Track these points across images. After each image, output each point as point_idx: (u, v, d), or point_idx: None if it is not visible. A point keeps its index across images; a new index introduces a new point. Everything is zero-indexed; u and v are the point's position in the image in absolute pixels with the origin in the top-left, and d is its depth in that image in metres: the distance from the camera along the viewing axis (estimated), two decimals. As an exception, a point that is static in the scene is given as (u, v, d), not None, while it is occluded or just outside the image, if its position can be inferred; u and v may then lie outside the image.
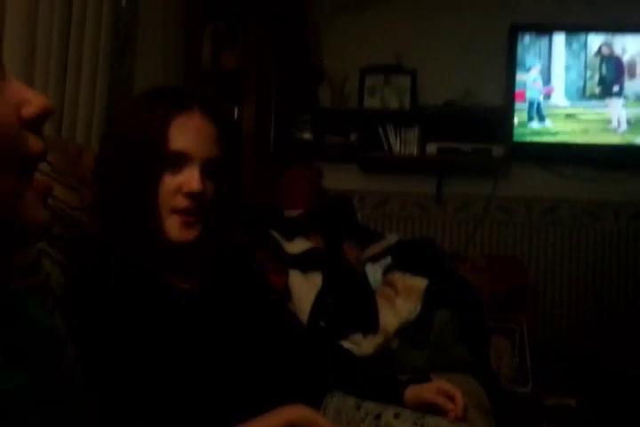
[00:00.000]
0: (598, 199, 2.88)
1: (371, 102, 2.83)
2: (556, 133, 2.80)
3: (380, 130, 2.81)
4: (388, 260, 2.04)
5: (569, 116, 2.79)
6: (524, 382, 2.45)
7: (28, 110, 0.44)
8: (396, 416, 0.98)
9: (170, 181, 0.91)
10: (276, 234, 1.94)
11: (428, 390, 1.01)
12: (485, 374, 1.79)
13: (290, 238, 1.96)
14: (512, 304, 2.54)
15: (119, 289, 0.89)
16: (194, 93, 1.02)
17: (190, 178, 0.91)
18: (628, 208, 2.87)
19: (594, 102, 2.78)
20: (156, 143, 0.90)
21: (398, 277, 1.88)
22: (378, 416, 0.99)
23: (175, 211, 0.91)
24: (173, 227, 0.91)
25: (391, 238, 2.22)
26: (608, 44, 2.77)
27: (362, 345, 1.63)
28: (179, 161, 0.91)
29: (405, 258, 2.02)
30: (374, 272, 1.99)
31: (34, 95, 0.45)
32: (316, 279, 1.83)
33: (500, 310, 2.49)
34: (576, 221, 2.90)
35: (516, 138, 2.78)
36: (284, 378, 1.03)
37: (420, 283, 1.84)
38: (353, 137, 2.84)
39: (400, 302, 1.79)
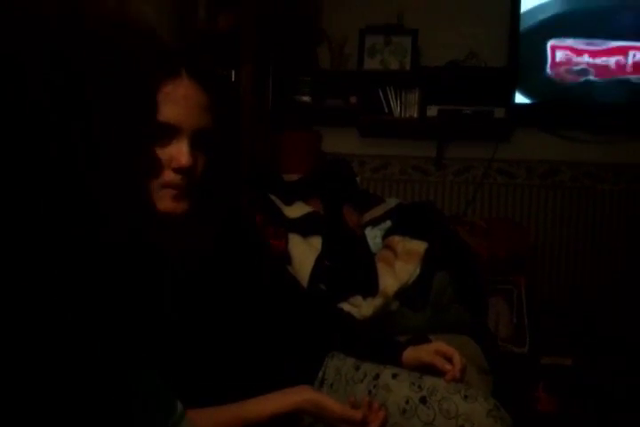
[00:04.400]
0: (599, 161, 2.86)
1: (371, 64, 2.77)
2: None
3: (380, 92, 2.77)
4: (388, 223, 2.04)
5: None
6: (521, 342, 2.49)
7: None
8: (394, 377, 0.99)
9: (158, 154, 0.85)
10: (275, 198, 1.94)
11: (427, 351, 1.02)
12: (483, 335, 1.82)
13: (289, 203, 1.96)
14: (511, 266, 2.55)
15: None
16: (182, 56, 0.92)
17: (179, 152, 0.86)
18: (629, 170, 2.86)
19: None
20: (141, 115, 0.84)
21: (398, 241, 1.89)
22: (376, 377, 1.01)
23: (165, 186, 0.88)
24: (163, 199, 0.88)
25: (391, 202, 2.22)
26: None
27: (361, 307, 1.65)
28: (166, 133, 0.86)
29: (405, 222, 2.03)
30: (374, 236, 1.99)
31: None
32: (316, 243, 1.84)
33: (500, 273, 2.50)
34: (577, 183, 2.89)
35: (518, 99, 2.74)
36: (286, 341, 1.05)
37: (420, 246, 1.85)
38: (353, 100, 2.80)
39: (399, 265, 1.80)
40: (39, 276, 0.44)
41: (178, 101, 0.86)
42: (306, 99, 2.80)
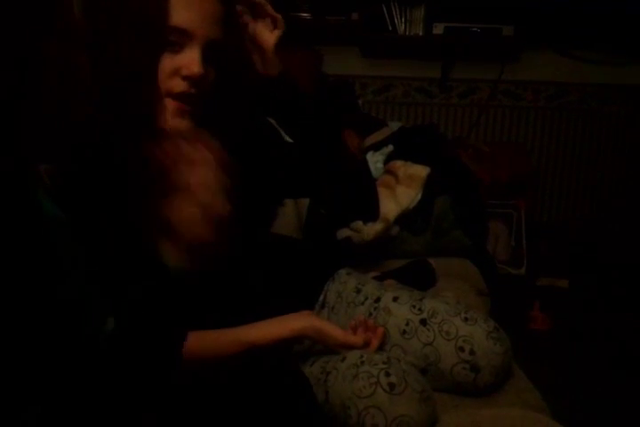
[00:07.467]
0: (607, 83, 2.77)
1: (374, -24, 2.61)
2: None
3: (384, 8, 2.63)
4: (390, 148, 2.01)
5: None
6: (518, 264, 2.54)
7: None
8: (395, 299, 1.01)
9: (168, 62, 0.83)
10: (274, 122, 1.89)
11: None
12: (482, 258, 1.85)
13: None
14: (512, 190, 2.55)
15: (113, 182, 0.86)
16: None
17: (190, 59, 0.83)
18: (637, 92, 2.78)
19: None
20: (153, 18, 0.80)
21: (400, 166, 1.86)
22: (377, 300, 1.02)
23: (170, 94, 0.84)
24: (166, 111, 0.84)
25: (393, 126, 2.17)
26: None
27: (362, 232, 1.65)
28: (178, 39, 0.82)
29: (407, 146, 1.99)
30: (375, 161, 1.97)
31: None
32: (317, 168, 1.82)
33: (500, 196, 2.50)
34: (583, 105, 2.82)
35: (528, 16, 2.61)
36: (287, 265, 1.06)
37: (422, 171, 1.83)
38: (354, 16, 2.67)
39: (401, 190, 1.79)
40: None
41: (192, 5, 0.82)
42: (305, 15, 2.66)
